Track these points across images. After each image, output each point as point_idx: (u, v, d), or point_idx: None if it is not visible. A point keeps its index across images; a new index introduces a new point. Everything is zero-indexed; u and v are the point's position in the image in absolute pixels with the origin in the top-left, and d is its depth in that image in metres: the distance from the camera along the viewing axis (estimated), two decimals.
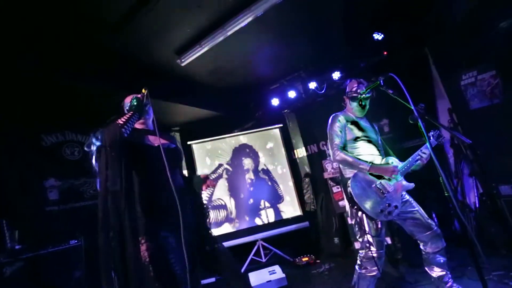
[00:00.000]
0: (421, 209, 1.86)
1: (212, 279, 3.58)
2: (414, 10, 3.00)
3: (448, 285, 1.80)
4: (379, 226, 1.78)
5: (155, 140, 1.47)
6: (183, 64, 2.87)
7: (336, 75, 3.67)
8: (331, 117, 2.00)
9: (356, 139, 1.92)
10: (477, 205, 2.87)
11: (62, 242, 2.24)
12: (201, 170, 4.14)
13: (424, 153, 1.83)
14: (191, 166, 4.21)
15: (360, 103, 1.95)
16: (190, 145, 4.21)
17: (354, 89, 1.97)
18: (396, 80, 1.55)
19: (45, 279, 2.07)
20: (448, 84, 3.03)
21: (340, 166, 1.93)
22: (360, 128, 1.96)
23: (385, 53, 3.30)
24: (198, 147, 4.24)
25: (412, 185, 1.86)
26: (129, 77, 2.87)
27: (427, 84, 3.24)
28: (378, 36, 3.09)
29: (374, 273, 1.77)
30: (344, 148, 1.89)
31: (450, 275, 1.83)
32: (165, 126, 4.20)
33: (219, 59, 3.11)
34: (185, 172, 4.26)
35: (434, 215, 2.84)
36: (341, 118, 1.95)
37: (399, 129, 3.25)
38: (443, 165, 3.01)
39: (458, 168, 3.08)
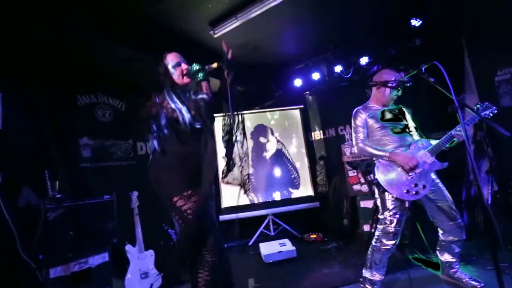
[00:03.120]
0: (451, 199, 1.90)
1: None
2: None
3: (453, 270, 1.93)
4: (406, 205, 1.86)
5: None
6: (215, 36, 2.88)
7: (364, 60, 3.62)
8: (353, 111, 2.11)
9: (378, 128, 2.01)
10: (489, 202, 2.93)
11: (97, 196, 2.42)
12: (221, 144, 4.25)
13: (460, 131, 1.81)
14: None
15: (398, 92, 2.00)
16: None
17: (396, 78, 1.97)
18: (435, 70, 1.58)
19: (82, 226, 2.27)
20: (480, 78, 2.97)
21: None
22: (385, 118, 2.03)
23: (418, 41, 3.22)
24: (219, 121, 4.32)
25: (444, 164, 1.88)
26: (162, 44, 2.90)
27: (458, 76, 3.18)
28: (416, 22, 3.00)
29: (388, 247, 1.88)
30: (367, 139, 2.02)
31: (458, 263, 1.95)
32: None
33: (250, 34, 3.10)
34: None
35: None
36: (362, 113, 2.06)
37: (422, 120, 3.24)
38: (463, 160, 3.04)
39: (477, 164, 3.11)
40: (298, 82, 4.14)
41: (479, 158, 3.09)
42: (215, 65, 1.57)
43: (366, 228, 3.21)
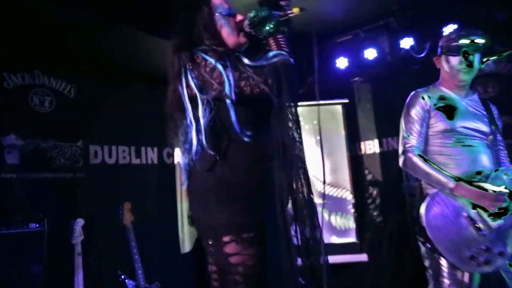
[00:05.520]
0: None
1: None
2: None
3: None
4: (466, 280, 1.74)
5: None
6: None
7: (449, 29, 3.42)
8: (410, 95, 2.00)
9: (446, 131, 1.86)
10: None
11: (19, 224, 2.45)
12: None
13: None
14: None
15: (467, 59, 1.81)
16: None
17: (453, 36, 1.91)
18: None
19: None
20: None
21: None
22: (458, 113, 1.87)
23: None
24: None
25: None
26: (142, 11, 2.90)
27: None
28: None
29: None
30: (425, 143, 1.90)
31: None
32: None
33: None
34: None
35: None
36: (425, 97, 1.92)
37: None
38: None
39: None
40: (342, 62, 4.13)
41: None
42: (295, 10, 1.37)
43: None
